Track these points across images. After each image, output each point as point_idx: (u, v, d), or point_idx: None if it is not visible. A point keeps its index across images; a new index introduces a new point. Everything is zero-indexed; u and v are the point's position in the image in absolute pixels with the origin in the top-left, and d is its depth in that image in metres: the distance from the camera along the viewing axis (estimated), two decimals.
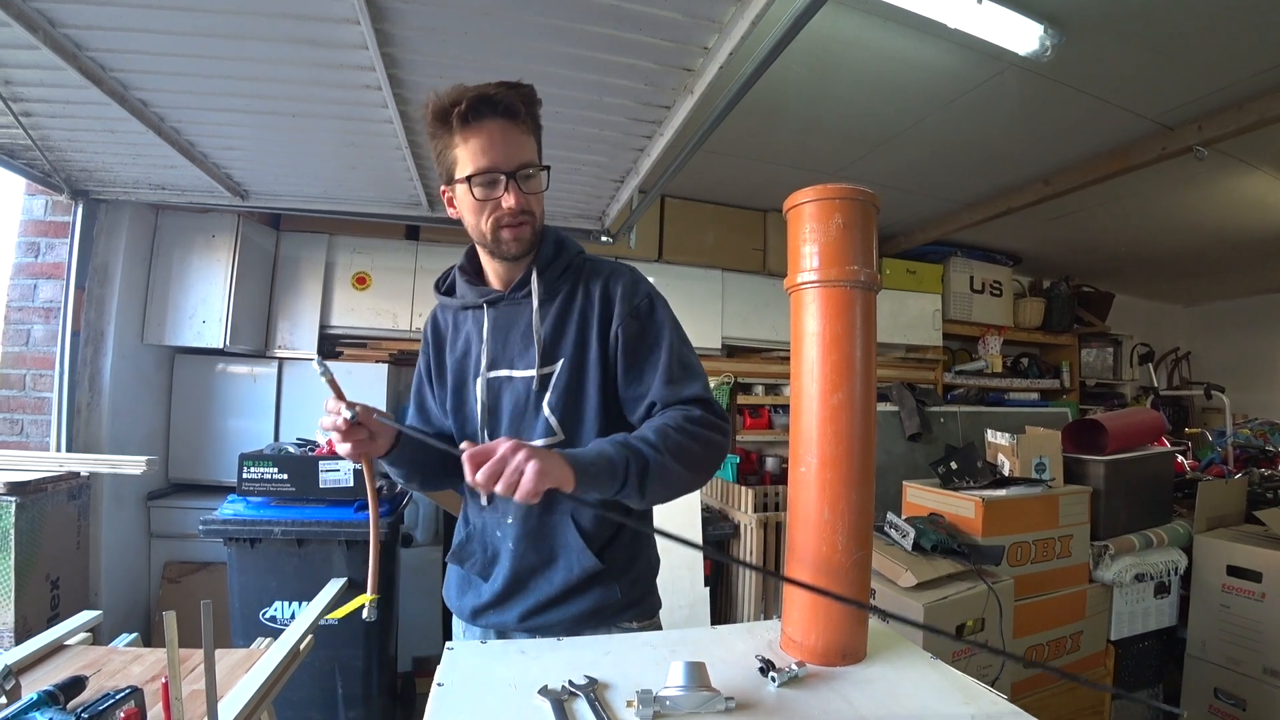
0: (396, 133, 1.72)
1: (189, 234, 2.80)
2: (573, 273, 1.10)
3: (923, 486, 2.26)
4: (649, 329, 1.04)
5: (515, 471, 0.75)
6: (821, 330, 0.82)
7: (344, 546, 1.97)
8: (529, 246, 1.05)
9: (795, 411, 0.86)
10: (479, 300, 1.10)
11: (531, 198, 1.00)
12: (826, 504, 0.81)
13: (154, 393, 2.87)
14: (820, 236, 0.83)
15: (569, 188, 2.23)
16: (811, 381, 0.83)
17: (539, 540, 1.05)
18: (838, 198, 0.82)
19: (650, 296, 1.07)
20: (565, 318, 1.06)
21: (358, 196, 2.39)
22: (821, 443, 0.81)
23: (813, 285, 0.84)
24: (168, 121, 1.77)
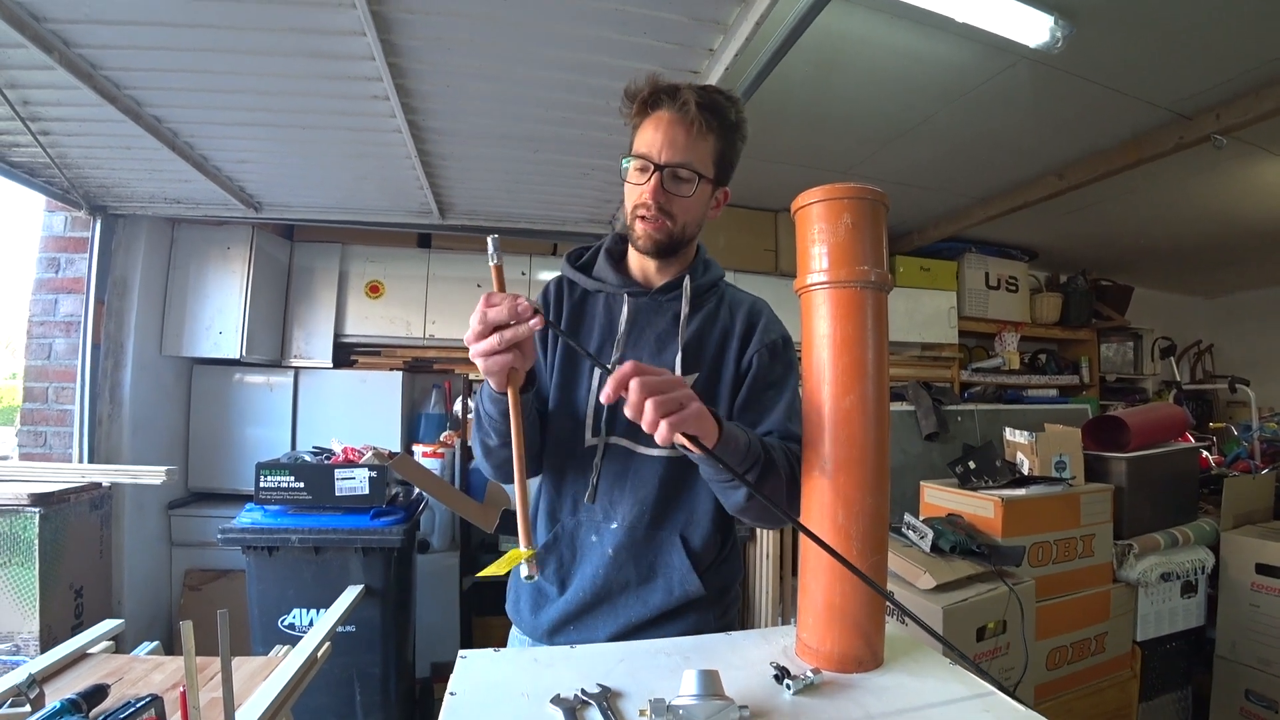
0: (405, 142, 1.73)
1: (205, 246, 2.84)
2: (717, 293, 1.10)
3: (940, 486, 2.23)
4: (780, 364, 1.04)
5: (676, 400, 0.70)
6: (832, 332, 0.81)
7: (360, 554, 1.98)
8: (659, 248, 1.00)
9: (807, 415, 0.85)
10: (621, 288, 1.05)
11: (676, 200, 0.97)
12: (841, 508, 0.80)
13: (173, 403, 2.91)
14: (829, 237, 0.82)
15: (580, 192, 2.23)
16: (823, 384, 0.82)
17: (642, 554, 1.00)
18: (846, 197, 0.81)
19: (786, 336, 1.07)
20: (707, 331, 1.04)
21: (369, 206, 2.41)
22: (834, 447, 0.80)
23: (822, 287, 0.83)
24: (181, 137, 1.80)
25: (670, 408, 0.70)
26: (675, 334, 1.04)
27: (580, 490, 1.03)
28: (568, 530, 1.04)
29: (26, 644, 1.92)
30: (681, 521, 1.02)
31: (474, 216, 2.49)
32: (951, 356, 4.01)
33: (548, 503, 1.07)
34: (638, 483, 1.01)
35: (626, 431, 1.01)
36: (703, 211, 1.03)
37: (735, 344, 1.04)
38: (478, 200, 2.32)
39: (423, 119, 1.62)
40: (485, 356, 0.76)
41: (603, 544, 1.01)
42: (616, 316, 1.05)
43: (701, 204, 1.01)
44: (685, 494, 1.02)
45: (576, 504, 1.04)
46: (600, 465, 1.01)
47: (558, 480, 1.05)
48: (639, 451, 1.02)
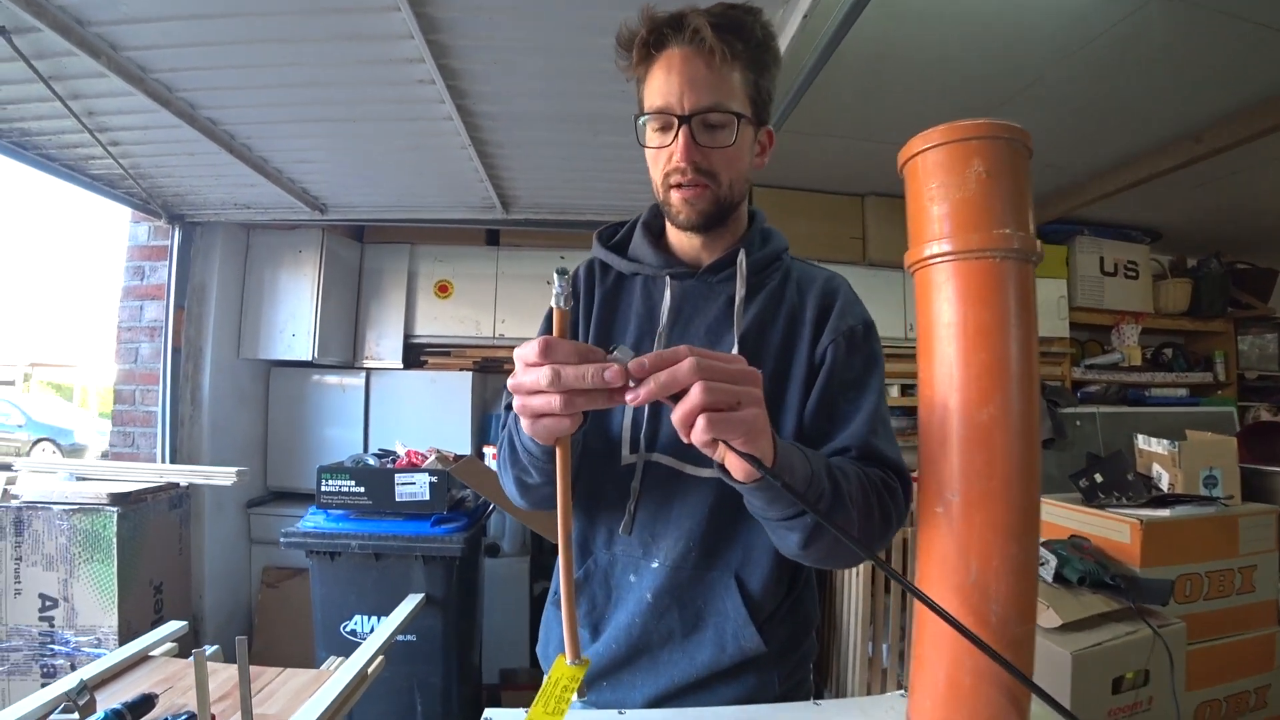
0: (458, 130, 1.63)
1: (278, 251, 2.88)
2: (781, 269, 0.90)
3: (1061, 503, 1.94)
4: (860, 359, 0.84)
5: (734, 394, 0.52)
6: (962, 320, 0.61)
7: (421, 561, 1.91)
8: (705, 219, 0.81)
9: (927, 430, 0.65)
10: (661, 270, 0.87)
11: (714, 154, 0.77)
12: (975, 559, 0.60)
13: (251, 404, 2.97)
14: (954, 192, 0.62)
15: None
16: (949, 390, 0.62)
17: (688, 598, 0.82)
18: (976, 137, 0.62)
19: (868, 321, 0.87)
20: (770, 319, 0.85)
21: (431, 203, 2.36)
22: (967, 474, 0.61)
23: (946, 259, 0.63)
24: (238, 139, 1.77)
25: (725, 398, 0.52)
26: (730, 322, 0.84)
27: (615, 518, 0.85)
28: (601, 566, 0.86)
29: (106, 637, 1.96)
30: (737, 559, 0.83)
31: (539, 210, 2.38)
32: (1062, 352, 3.60)
33: (579, 531, 0.89)
34: (683, 511, 0.82)
35: (672, 447, 0.83)
36: (748, 161, 0.83)
37: (807, 331, 0.83)
38: (540, 191, 2.21)
39: (472, 103, 1.51)
40: (537, 417, 0.55)
41: (641, 585, 0.83)
42: (658, 303, 0.86)
43: (745, 152, 0.81)
44: (742, 525, 0.83)
45: (611, 535, 0.86)
46: (639, 489, 0.83)
47: (591, 505, 0.88)
48: (686, 472, 0.82)
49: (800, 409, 0.82)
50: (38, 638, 1.94)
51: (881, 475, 0.75)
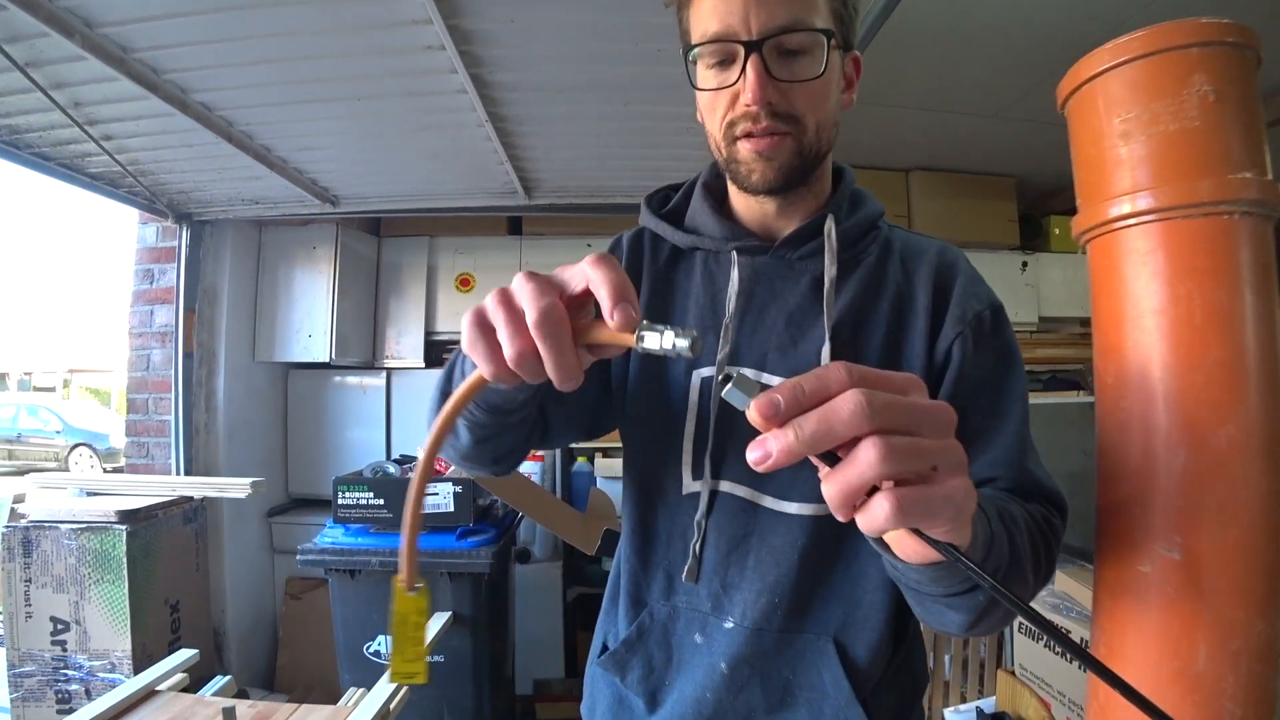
0: (474, 104, 1.46)
1: (291, 248, 2.76)
2: (879, 240, 0.71)
3: None
4: (993, 355, 0.65)
5: (926, 453, 0.33)
6: (1181, 304, 0.43)
7: (447, 578, 1.77)
8: (787, 177, 0.63)
9: (1117, 456, 0.48)
10: (727, 243, 0.69)
11: (797, 90, 0.59)
12: (1204, 639, 0.43)
13: (269, 410, 2.87)
14: (1163, 124, 0.44)
15: (686, 152, 1.86)
16: (1159, 403, 0.44)
17: (773, 669, 0.65)
18: (1197, 43, 0.43)
19: (996, 304, 0.67)
20: (870, 305, 0.67)
21: (449, 190, 2.20)
22: (1196, 521, 0.43)
23: (1150, 219, 0.45)
24: (236, 126, 1.63)
25: (910, 467, 0.33)
26: (818, 311, 0.65)
27: (677, 562, 0.68)
28: (659, 620, 0.69)
29: (121, 661, 1.87)
30: (836, 619, 0.65)
31: (564, 194, 2.20)
32: None
33: (630, 575, 0.71)
34: (765, 557, 0.65)
35: (747, 472, 0.64)
36: (837, 98, 0.64)
37: (921, 322, 0.65)
38: (565, 173, 2.03)
39: (488, 71, 1.35)
40: (543, 317, 0.38)
41: (712, 649, 0.66)
42: (722, 287, 0.68)
43: (834, 86, 0.62)
44: (842, 573, 0.65)
45: (672, 583, 0.69)
46: (706, 526, 0.66)
47: (643, 543, 0.70)
48: (765, 505, 0.65)
49: None
50: (51, 663, 1.85)
51: (1044, 514, 0.56)
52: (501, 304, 0.39)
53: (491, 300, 0.40)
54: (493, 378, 0.41)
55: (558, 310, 0.38)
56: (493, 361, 0.40)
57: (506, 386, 0.47)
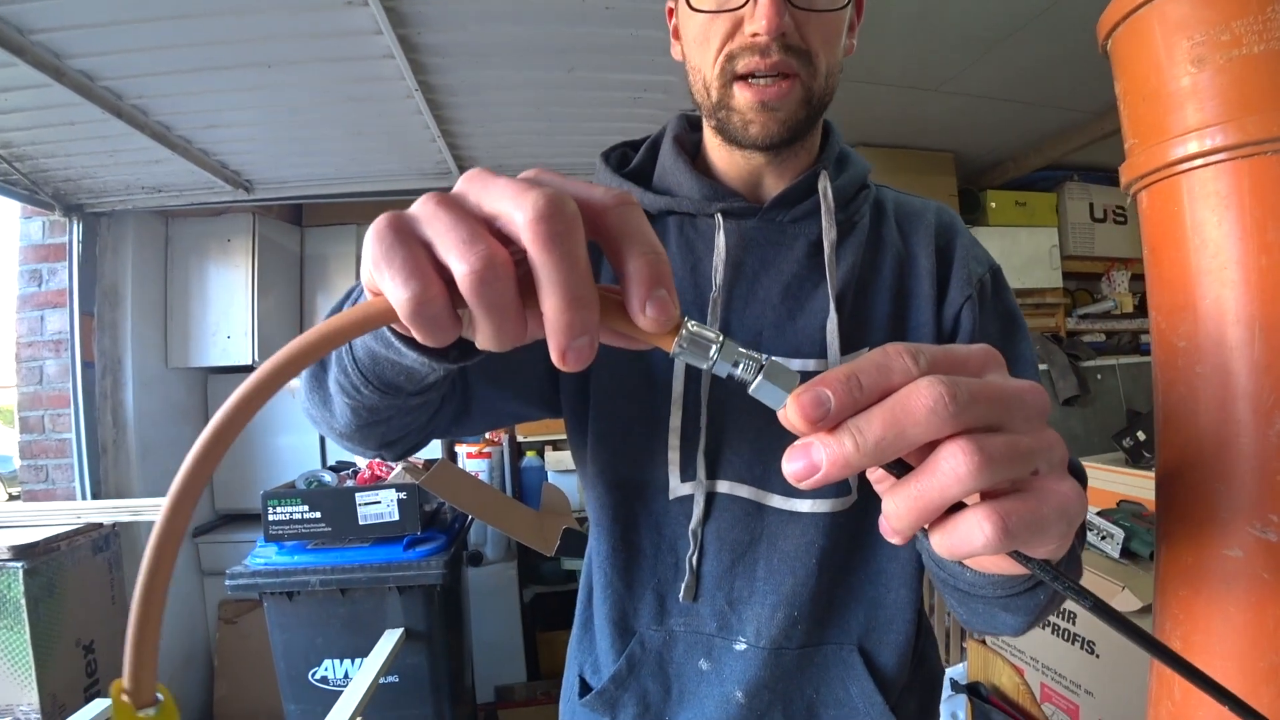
0: (402, 71, 1.32)
1: (203, 241, 2.52)
2: (870, 200, 0.63)
3: (1103, 466, 1.77)
4: (1003, 323, 0.60)
5: (1026, 452, 0.25)
6: (1272, 253, 0.38)
7: (396, 592, 1.64)
8: (792, 130, 0.54)
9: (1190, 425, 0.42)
10: (709, 204, 0.59)
11: (814, 24, 0.51)
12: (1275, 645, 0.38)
13: (189, 421, 2.62)
14: (1245, 44, 0.38)
15: (630, 125, 1.75)
16: (1248, 368, 0.39)
17: (795, 688, 0.58)
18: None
19: (995, 266, 0.62)
20: (871, 272, 0.60)
21: (377, 172, 2.03)
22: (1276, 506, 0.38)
23: (1224, 157, 0.40)
24: (126, 100, 1.43)
25: (1009, 471, 0.24)
26: (817, 280, 0.58)
27: (669, 579, 0.59)
28: (652, 649, 0.60)
29: (28, 716, 1.66)
30: (860, 624, 0.59)
31: (501, 170, 2.05)
32: (1056, 302, 3.46)
33: (610, 599, 0.61)
34: (779, 564, 0.57)
35: (747, 469, 0.57)
36: (844, 43, 0.56)
37: (926, 286, 0.59)
38: (504, 149, 1.89)
39: (416, 33, 1.21)
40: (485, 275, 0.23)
41: (723, 676, 0.58)
42: (704, 255, 0.60)
43: (845, 26, 0.55)
44: (862, 573, 0.59)
45: (664, 604, 0.60)
46: (703, 535, 0.58)
47: (623, 560, 0.61)
48: (772, 505, 0.57)
49: None
50: None
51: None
52: (451, 204, 0.24)
53: (429, 203, 0.25)
54: (415, 306, 0.23)
55: (573, 205, 0.23)
56: (420, 279, 0.23)
57: (427, 340, 0.25)
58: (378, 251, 0.24)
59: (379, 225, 0.24)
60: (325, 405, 0.48)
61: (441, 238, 0.23)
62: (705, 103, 0.56)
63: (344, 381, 0.43)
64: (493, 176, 0.25)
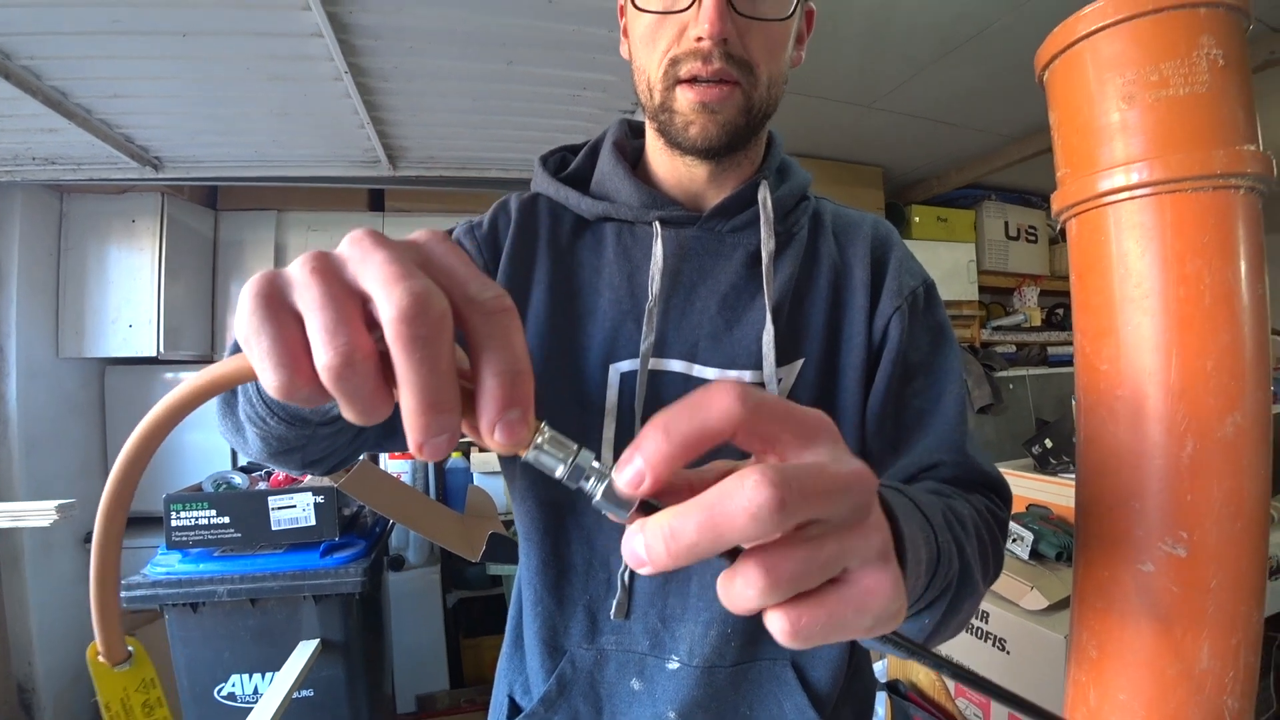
0: (331, 51, 1.25)
1: (104, 221, 2.31)
2: (809, 212, 0.63)
3: (1014, 472, 1.87)
4: (929, 334, 0.60)
5: (841, 550, 0.25)
6: (1188, 284, 0.40)
7: (311, 601, 1.55)
8: (732, 136, 0.54)
9: (1111, 447, 0.44)
10: (648, 213, 0.59)
11: (756, 32, 0.51)
12: (1209, 637, 0.40)
13: (82, 415, 2.41)
14: (1169, 88, 0.40)
15: (569, 122, 1.72)
16: (1165, 393, 0.41)
17: (729, 708, 0.57)
18: (1204, 3, 0.40)
19: (929, 281, 0.63)
20: (809, 282, 0.60)
21: (301, 156, 1.91)
22: (1202, 514, 0.40)
23: (1149, 191, 0.42)
24: (16, 60, 1.29)
25: (817, 578, 0.24)
26: (754, 291, 0.58)
27: (600, 596, 0.58)
28: (583, 669, 0.59)
29: None
30: None
31: (432, 164, 1.97)
32: (972, 314, 3.66)
33: (541, 616, 0.60)
34: (711, 581, 0.56)
35: None
36: (791, 52, 0.57)
37: (861, 298, 0.60)
38: (435, 141, 1.82)
39: (348, 11, 1.14)
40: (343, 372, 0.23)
41: (655, 695, 0.57)
42: (641, 264, 0.59)
43: (790, 38, 0.55)
44: None
45: (596, 622, 0.59)
46: None
47: (554, 576, 0.59)
48: None
49: (861, 410, 0.58)
50: None
51: (989, 507, 0.53)
52: (324, 276, 0.24)
53: (302, 269, 0.25)
54: (282, 394, 0.24)
55: (443, 302, 0.23)
56: (287, 366, 0.24)
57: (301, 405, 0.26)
58: (250, 323, 0.24)
59: (253, 289, 0.25)
60: (238, 432, 0.47)
61: (309, 316, 0.24)
62: (649, 104, 0.56)
63: (250, 412, 0.43)
64: (374, 247, 0.25)
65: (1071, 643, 0.47)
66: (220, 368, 0.27)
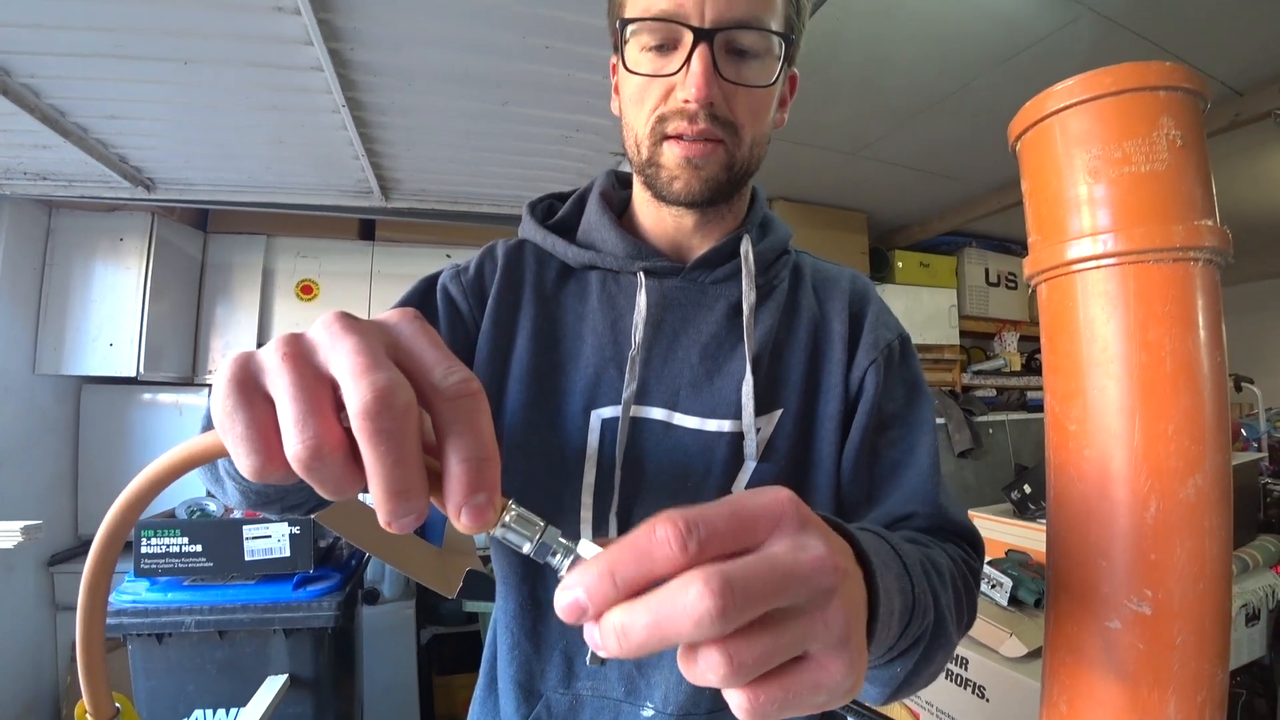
0: (330, 85, 1.27)
1: (91, 237, 2.31)
2: (789, 266, 0.66)
3: (992, 517, 1.88)
4: (904, 387, 0.62)
5: (788, 639, 0.25)
6: (1150, 352, 0.42)
7: (281, 635, 1.51)
8: (714, 191, 0.56)
9: (1081, 509, 0.46)
10: (632, 262, 0.61)
11: (741, 96, 0.53)
12: (1175, 696, 0.41)
13: (55, 433, 2.36)
14: (1131, 165, 0.43)
15: (561, 162, 1.77)
16: (1128, 455, 0.43)
17: None
18: (1165, 87, 0.43)
19: (905, 335, 0.65)
20: (789, 334, 0.62)
21: (294, 184, 1.93)
22: (1165, 575, 0.41)
23: (1114, 261, 0.44)
24: (16, 76, 1.30)
25: (771, 663, 0.25)
26: (735, 342, 0.60)
27: (577, 640, 0.58)
28: (558, 714, 0.58)
29: None
30: None
31: (424, 197, 2.00)
32: (953, 359, 3.72)
33: (517, 659, 0.59)
34: None
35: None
36: (774, 114, 0.59)
37: (839, 350, 0.62)
38: (428, 175, 1.85)
39: (349, 47, 1.17)
40: (312, 463, 0.25)
41: None
42: (625, 312, 0.60)
43: (773, 102, 0.58)
44: None
45: (572, 666, 0.58)
46: None
47: (531, 619, 0.59)
48: None
49: (837, 461, 0.60)
50: None
51: (964, 557, 0.54)
52: (295, 362, 0.25)
53: (275, 354, 0.25)
54: (254, 477, 0.26)
55: (408, 394, 0.24)
56: (260, 453, 0.25)
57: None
58: (225, 405, 0.25)
59: (229, 372, 0.26)
60: (218, 483, 0.48)
61: (281, 404, 0.25)
62: (636, 159, 0.58)
63: (229, 468, 0.44)
64: (344, 332, 0.25)
65: (1043, 696, 0.48)
66: (196, 444, 0.29)
